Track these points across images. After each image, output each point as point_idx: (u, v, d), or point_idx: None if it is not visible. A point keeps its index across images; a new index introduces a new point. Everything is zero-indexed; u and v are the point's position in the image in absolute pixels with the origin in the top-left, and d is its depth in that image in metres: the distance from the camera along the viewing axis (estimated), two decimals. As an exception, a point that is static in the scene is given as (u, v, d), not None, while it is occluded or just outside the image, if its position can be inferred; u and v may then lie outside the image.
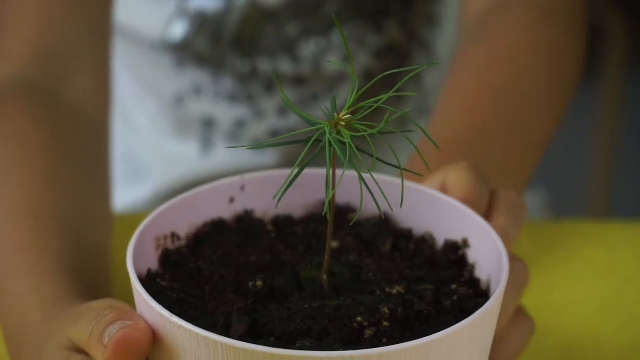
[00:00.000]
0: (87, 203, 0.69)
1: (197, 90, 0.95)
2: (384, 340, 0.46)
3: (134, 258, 0.50)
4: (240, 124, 0.96)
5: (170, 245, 0.54)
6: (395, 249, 0.54)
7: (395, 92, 0.47)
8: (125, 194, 1.01)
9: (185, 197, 0.54)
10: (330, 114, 0.47)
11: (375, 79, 0.49)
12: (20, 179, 0.67)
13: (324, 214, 0.47)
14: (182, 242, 0.54)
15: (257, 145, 0.47)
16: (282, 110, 0.95)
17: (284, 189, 0.46)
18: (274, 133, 0.95)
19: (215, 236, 0.55)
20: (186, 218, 0.54)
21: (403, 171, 0.47)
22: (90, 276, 0.63)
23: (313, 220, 0.56)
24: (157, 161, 1.01)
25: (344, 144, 0.46)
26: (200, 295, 0.50)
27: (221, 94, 0.94)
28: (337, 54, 0.93)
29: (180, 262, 0.53)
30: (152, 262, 0.53)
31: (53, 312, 0.56)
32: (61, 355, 0.51)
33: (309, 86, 0.94)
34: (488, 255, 0.52)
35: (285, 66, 0.93)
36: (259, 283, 0.50)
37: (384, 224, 0.55)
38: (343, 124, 0.46)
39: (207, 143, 0.97)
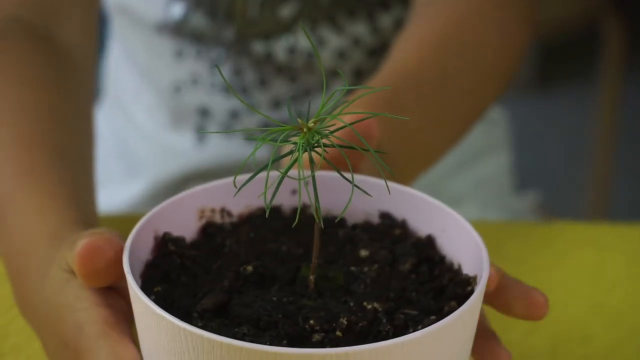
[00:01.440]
0: (80, 135, 0.73)
1: (195, 81, 0.97)
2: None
3: (161, 220, 0.53)
4: (234, 116, 0.97)
5: (217, 218, 0.56)
6: (415, 271, 0.53)
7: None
8: (121, 191, 1.03)
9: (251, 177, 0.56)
10: (304, 118, 0.48)
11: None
12: (19, 109, 0.70)
13: (297, 219, 0.48)
14: (233, 219, 0.57)
15: (226, 131, 0.48)
16: (275, 104, 0.96)
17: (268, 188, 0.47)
18: (266, 126, 0.97)
19: (261, 220, 0.57)
20: (244, 199, 0.56)
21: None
22: (85, 204, 0.66)
23: (359, 226, 0.57)
24: (152, 154, 1.02)
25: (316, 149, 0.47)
26: (205, 268, 0.53)
27: (217, 85, 0.96)
28: (330, 47, 0.94)
29: (214, 235, 0.56)
30: (190, 230, 0.56)
31: (56, 240, 0.59)
32: (62, 277, 0.54)
33: (301, 81, 0.95)
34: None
35: (280, 52, 0.94)
36: (249, 268, 0.52)
37: (423, 245, 0.55)
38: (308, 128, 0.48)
39: (201, 134, 0.99)
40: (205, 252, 0.55)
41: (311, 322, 0.48)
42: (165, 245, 0.54)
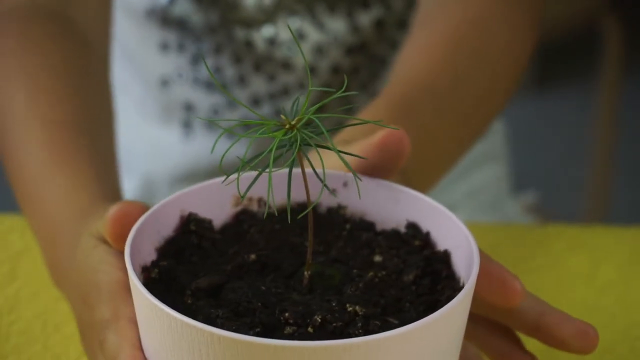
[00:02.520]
0: (102, 115, 0.77)
1: (180, 75, 0.98)
2: None
3: (191, 200, 0.56)
4: (215, 112, 0.99)
5: (255, 207, 0.58)
6: (418, 283, 0.54)
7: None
8: None
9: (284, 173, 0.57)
10: (291, 114, 0.49)
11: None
12: (48, 93, 0.75)
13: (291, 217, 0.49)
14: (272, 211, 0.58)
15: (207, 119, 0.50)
16: (255, 102, 0.97)
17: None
18: (248, 125, 0.98)
19: (294, 214, 0.58)
20: (282, 192, 0.58)
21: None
22: (112, 181, 0.71)
23: (384, 233, 0.57)
24: (142, 148, 1.04)
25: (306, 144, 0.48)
26: (221, 252, 0.55)
27: (199, 80, 0.97)
28: (310, 42, 0.95)
29: (244, 222, 0.57)
30: (224, 214, 0.58)
31: (87, 214, 0.63)
32: (91, 242, 0.58)
33: (279, 80, 0.96)
34: None
35: (260, 42, 0.94)
36: (253, 256, 0.54)
37: (437, 260, 0.55)
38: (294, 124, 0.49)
39: (187, 129, 1.00)
40: (229, 236, 0.57)
41: (286, 314, 0.49)
42: (187, 224, 0.56)
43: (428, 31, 0.81)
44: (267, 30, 0.94)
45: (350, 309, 0.50)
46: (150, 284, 0.52)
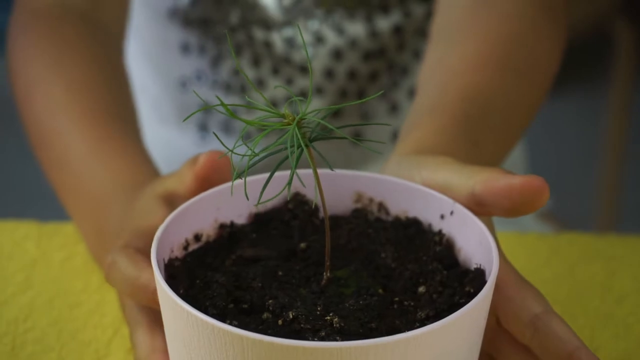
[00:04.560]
0: (128, 105, 0.83)
1: (199, 77, 0.99)
2: None
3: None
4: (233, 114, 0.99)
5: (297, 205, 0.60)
6: (431, 292, 0.54)
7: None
8: None
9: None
10: (296, 111, 0.50)
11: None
12: (84, 87, 0.80)
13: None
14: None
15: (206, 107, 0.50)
16: (273, 105, 0.98)
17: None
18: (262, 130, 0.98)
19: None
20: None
21: None
22: (150, 160, 0.76)
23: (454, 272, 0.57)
24: (157, 152, 1.04)
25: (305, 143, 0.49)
26: (265, 238, 0.58)
27: (218, 82, 0.98)
28: (328, 46, 0.95)
29: (296, 215, 0.59)
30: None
31: (136, 189, 0.68)
32: (154, 201, 0.63)
33: (297, 84, 0.97)
34: None
35: (279, 43, 0.95)
36: (302, 245, 0.57)
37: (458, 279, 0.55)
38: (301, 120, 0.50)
39: (203, 132, 1.01)
40: (275, 230, 0.59)
41: (270, 301, 0.51)
42: (233, 226, 0.59)
43: (471, 45, 0.79)
44: (286, 32, 0.94)
45: (328, 318, 0.50)
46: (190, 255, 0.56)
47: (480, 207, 0.56)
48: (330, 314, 0.50)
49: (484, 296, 0.50)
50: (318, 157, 0.51)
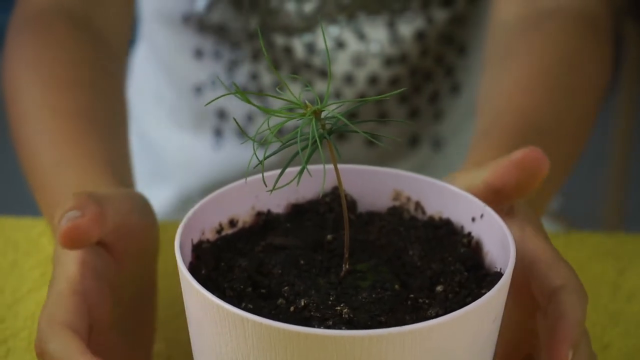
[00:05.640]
0: (116, 111, 0.80)
1: (213, 83, 0.99)
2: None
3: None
4: (249, 118, 0.99)
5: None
6: (448, 292, 0.54)
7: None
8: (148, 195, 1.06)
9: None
10: (315, 102, 0.51)
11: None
12: (61, 84, 0.77)
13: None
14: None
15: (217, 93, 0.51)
16: (291, 109, 0.98)
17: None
18: (281, 129, 0.99)
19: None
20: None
21: None
22: (121, 167, 0.73)
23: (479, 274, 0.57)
24: (174, 159, 1.05)
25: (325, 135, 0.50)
26: (298, 228, 0.59)
27: (234, 87, 0.98)
28: (349, 51, 0.95)
29: (332, 209, 0.60)
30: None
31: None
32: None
33: (315, 88, 0.97)
34: None
35: (299, 48, 0.95)
36: (329, 237, 0.57)
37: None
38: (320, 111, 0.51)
39: (218, 137, 1.01)
40: (304, 219, 0.60)
41: (285, 288, 0.53)
42: (270, 214, 0.60)
43: (521, 69, 0.81)
44: (306, 37, 0.94)
45: (338, 308, 0.51)
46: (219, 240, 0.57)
47: (497, 195, 0.58)
48: (341, 305, 0.51)
49: (489, 298, 0.50)
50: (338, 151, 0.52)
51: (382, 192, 0.61)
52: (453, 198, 0.59)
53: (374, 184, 0.61)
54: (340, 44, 0.95)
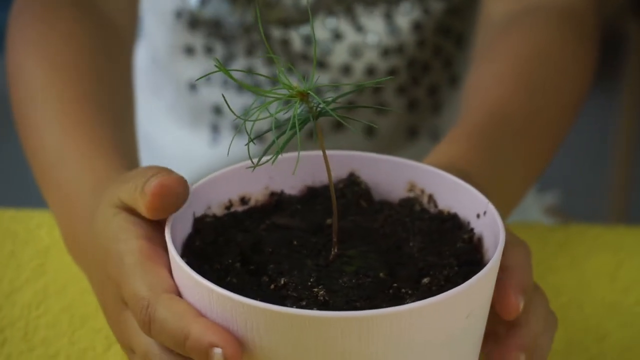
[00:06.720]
0: (122, 95, 0.79)
1: (208, 78, 0.99)
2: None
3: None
4: (246, 113, 0.99)
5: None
6: (433, 284, 0.54)
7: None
8: None
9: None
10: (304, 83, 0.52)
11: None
12: (66, 68, 0.76)
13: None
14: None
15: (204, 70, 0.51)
16: (287, 101, 0.98)
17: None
18: (277, 123, 0.98)
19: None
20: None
21: None
22: (128, 151, 0.71)
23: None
24: (173, 155, 1.05)
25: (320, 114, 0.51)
26: (307, 211, 0.59)
27: (229, 82, 0.98)
28: (346, 42, 0.95)
29: (345, 195, 0.61)
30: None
31: (107, 182, 0.63)
32: (110, 211, 0.57)
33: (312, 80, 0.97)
34: None
35: (297, 40, 0.95)
36: (329, 221, 0.58)
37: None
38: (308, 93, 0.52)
39: (215, 133, 1.01)
40: (304, 204, 0.60)
41: (271, 266, 0.53)
42: (282, 200, 0.61)
43: (498, 62, 0.81)
44: (304, 29, 0.94)
45: (315, 290, 0.52)
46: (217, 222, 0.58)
47: None
48: (319, 287, 0.52)
49: (457, 292, 0.49)
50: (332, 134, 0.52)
51: (398, 182, 0.61)
52: (462, 193, 0.58)
53: (390, 173, 0.61)
54: (337, 35, 0.95)
